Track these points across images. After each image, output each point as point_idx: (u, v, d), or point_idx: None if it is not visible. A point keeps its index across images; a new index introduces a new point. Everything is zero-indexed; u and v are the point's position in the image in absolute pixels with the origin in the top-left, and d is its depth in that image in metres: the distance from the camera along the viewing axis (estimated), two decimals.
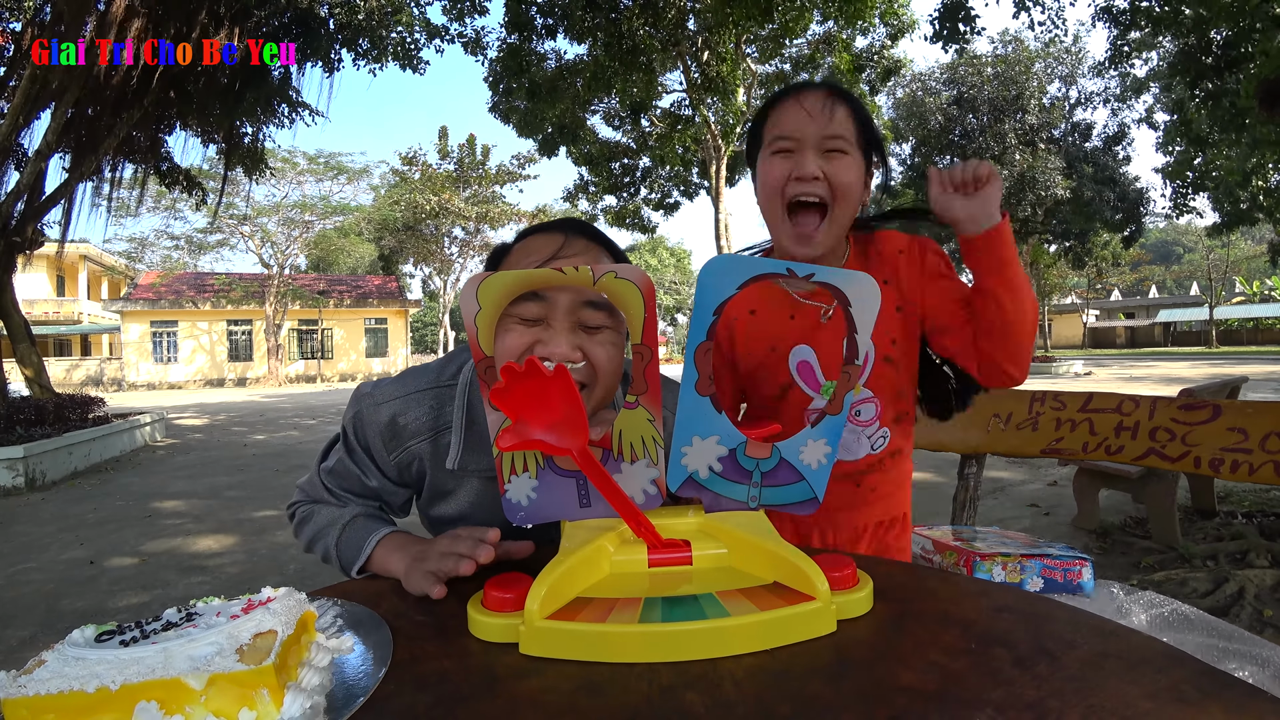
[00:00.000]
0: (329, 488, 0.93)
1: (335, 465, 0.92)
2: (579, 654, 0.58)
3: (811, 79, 13.67)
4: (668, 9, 9.40)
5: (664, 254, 47.75)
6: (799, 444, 0.74)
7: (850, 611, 0.63)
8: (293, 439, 8.81)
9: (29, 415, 6.56)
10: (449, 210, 26.32)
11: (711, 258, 0.67)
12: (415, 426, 0.88)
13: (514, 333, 0.76)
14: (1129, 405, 2.58)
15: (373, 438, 0.89)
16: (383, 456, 0.90)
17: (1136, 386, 13.01)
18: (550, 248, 0.82)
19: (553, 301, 0.76)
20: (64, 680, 0.46)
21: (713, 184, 12.87)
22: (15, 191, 7.33)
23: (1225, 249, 35.87)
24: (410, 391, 0.89)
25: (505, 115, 12.82)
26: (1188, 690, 0.49)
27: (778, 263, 0.68)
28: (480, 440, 0.88)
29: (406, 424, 0.88)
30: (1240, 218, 13.30)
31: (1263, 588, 2.46)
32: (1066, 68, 19.86)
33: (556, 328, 0.76)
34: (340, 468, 0.92)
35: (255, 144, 9.60)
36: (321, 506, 0.93)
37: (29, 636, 2.58)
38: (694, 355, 0.70)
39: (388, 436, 0.88)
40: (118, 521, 4.42)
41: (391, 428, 0.88)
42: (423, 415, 0.88)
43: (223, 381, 26.66)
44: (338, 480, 0.93)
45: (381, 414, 0.88)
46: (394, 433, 0.88)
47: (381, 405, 0.88)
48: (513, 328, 0.77)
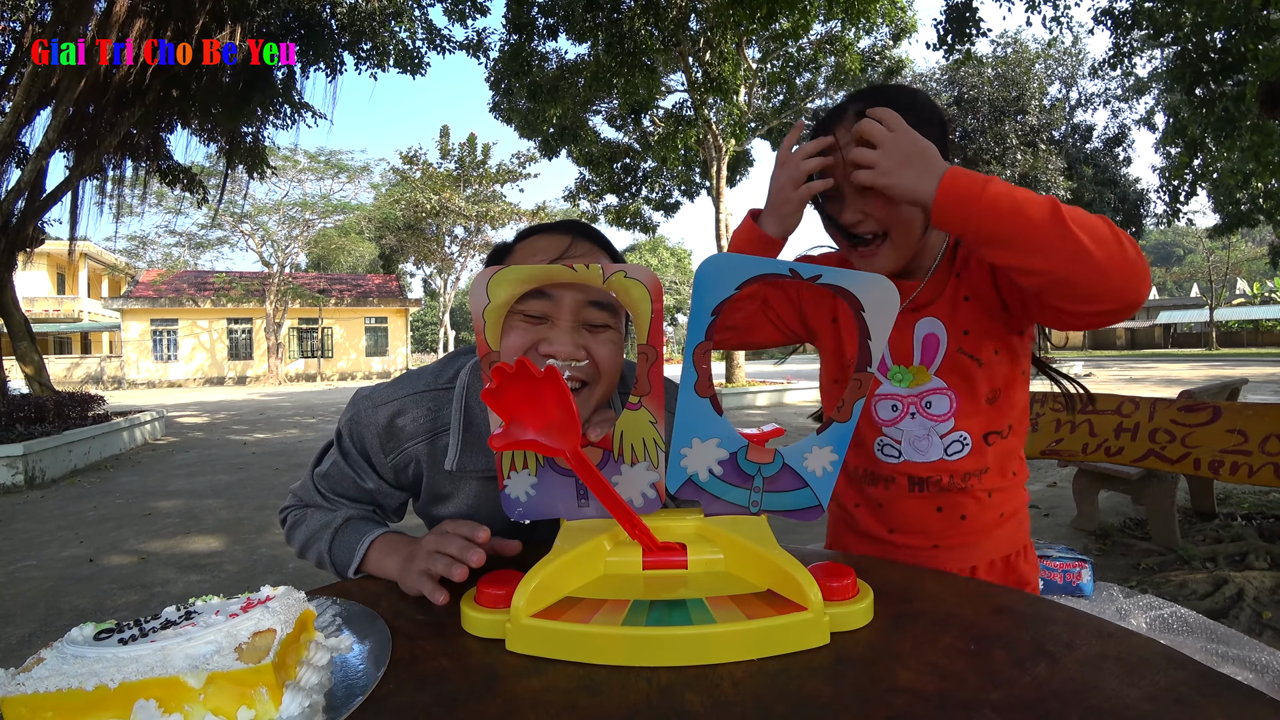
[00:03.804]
0: (322, 492, 0.93)
1: (329, 469, 0.92)
2: (562, 653, 0.58)
3: (814, 80, 13.69)
4: (670, 9, 9.39)
5: (664, 254, 47.77)
6: (803, 450, 0.73)
7: (847, 624, 0.61)
8: (292, 438, 8.81)
9: (29, 413, 6.56)
10: (450, 209, 26.33)
11: (709, 256, 0.65)
12: (413, 428, 0.88)
13: (518, 330, 0.77)
14: (1129, 407, 2.59)
15: (369, 439, 0.89)
16: (379, 458, 0.89)
17: (1136, 388, 13.00)
18: (557, 248, 0.83)
19: (558, 300, 0.77)
20: (63, 678, 0.46)
21: (713, 184, 12.86)
22: (16, 189, 7.34)
23: (1226, 251, 35.85)
24: (408, 394, 0.89)
25: (506, 116, 12.81)
26: (1187, 692, 0.49)
27: (780, 263, 0.65)
28: (478, 441, 0.88)
29: (404, 425, 0.88)
30: (1240, 219, 13.31)
31: (1262, 590, 2.46)
32: (1067, 69, 19.86)
33: (561, 326, 0.77)
34: (334, 471, 0.91)
35: (257, 143, 9.60)
36: (313, 511, 0.92)
37: (28, 634, 2.58)
38: (693, 356, 0.69)
39: (385, 438, 0.88)
40: (117, 520, 4.42)
41: (389, 429, 0.88)
42: (421, 417, 0.88)
43: (223, 380, 26.66)
44: (331, 484, 0.92)
45: (379, 416, 0.88)
46: (391, 434, 0.88)
47: (379, 407, 0.88)
48: (517, 325, 0.77)
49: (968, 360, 0.93)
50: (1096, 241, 0.71)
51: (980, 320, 0.93)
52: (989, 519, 0.97)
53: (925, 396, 0.95)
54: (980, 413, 0.95)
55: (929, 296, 0.95)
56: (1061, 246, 0.72)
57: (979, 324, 0.93)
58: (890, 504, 0.99)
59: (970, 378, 0.93)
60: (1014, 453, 0.99)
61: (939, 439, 0.95)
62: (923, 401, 0.95)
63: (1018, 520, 1.01)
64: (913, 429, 0.96)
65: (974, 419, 0.95)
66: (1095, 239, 0.71)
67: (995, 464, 0.96)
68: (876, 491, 1.00)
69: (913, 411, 0.95)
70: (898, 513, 0.99)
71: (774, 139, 15.41)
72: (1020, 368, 0.96)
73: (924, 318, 0.94)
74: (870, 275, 0.66)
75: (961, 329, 0.93)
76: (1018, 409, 0.97)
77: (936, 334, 0.94)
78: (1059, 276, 0.73)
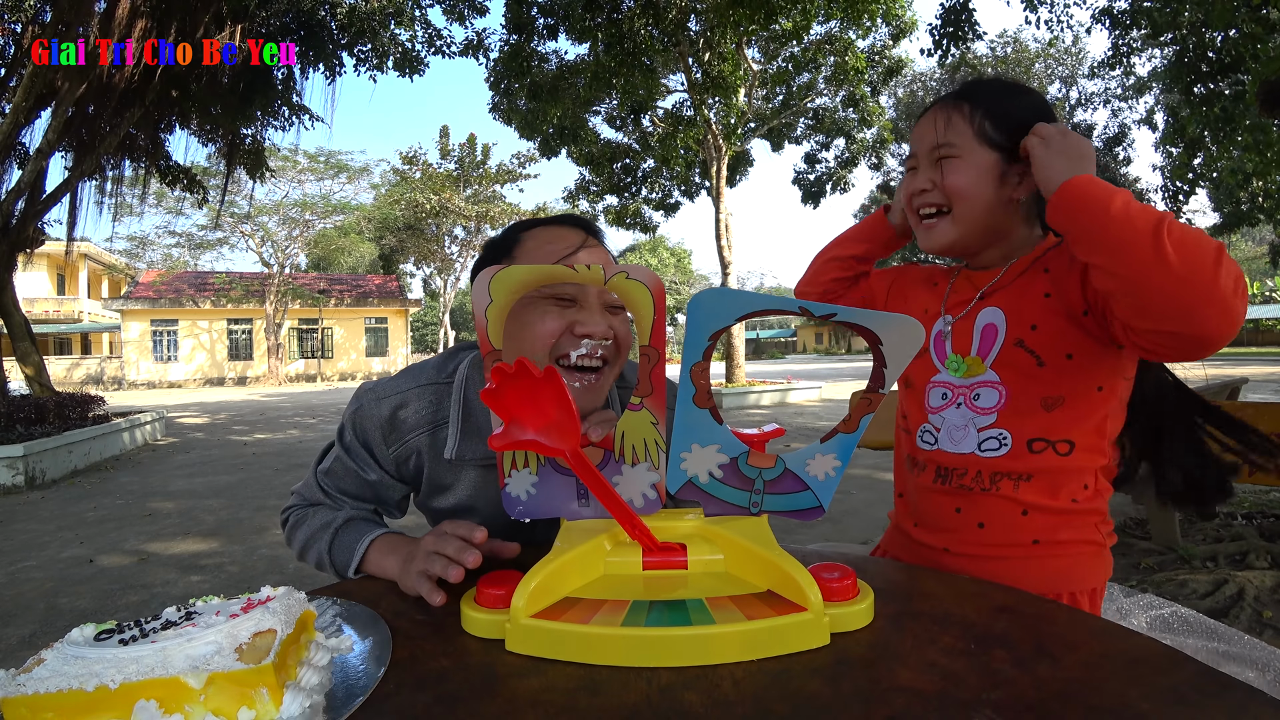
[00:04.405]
0: (325, 488, 0.94)
1: (332, 465, 0.93)
2: (562, 653, 0.58)
3: (814, 80, 13.69)
4: (669, 9, 9.40)
5: (664, 254, 47.78)
6: (805, 456, 0.73)
7: (848, 624, 0.61)
8: (293, 438, 8.81)
9: (29, 414, 6.56)
10: (449, 209, 26.33)
11: (704, 290, 0.64)
12: (414, 420, 0.90)
13: (552, 314, 0.80)
14: None
15: (372, 431, 0.90)
16: (382, 450, 0.91)
17: None
18: (573, 241, 0.86)
19: (584, 285, 0.80)
20: (63, 679, 0.46)
21: (713, 184, 12.86)
22: (16, 190, 7.34)
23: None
24: (411, 387, 0.91)
25: (506, 117, 12.81)
26: (1187, 692, 0.49)
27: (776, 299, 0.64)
28: (476, 431, 0.89)
29: (406, 417, 0.90)
30: (1241, 218, 13.30)
31: (1262, 589, 2.46)
32: (1067, 69, 19.87)
33: (590, 308, 0.81)
34: (337, 467, 0.93)
35: (256, 145, 9.60)
36: (314, 511, 0.93)
37: (28, 635, 2.58)
38: (690, 374, 0.69)
39: (388, 430, 0.90)
40: (117, 520, 4.42)
41: (392, 421, 0.90)
42: (423, 409, 0.90)
43: (223, 380, 26.66)
44: (334, 481, 0.93)
45: (383, 408, 0.90)
46: (394, 426, 0.90)
47: (383, 400, 0.90)
48: (550, 310, 0.80)
49: (1028, 356, 0.88)
50: (1185, 256, 0.68)
51: (1056, 320, 0.87)
52: (1016, 538, 0.89)
53: (976, 389, 0.92)
54: (1032, 415, 0.88)
55: (999, 286, 0.93)
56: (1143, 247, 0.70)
57: (1053, 323, 0.87)
58: (917, 494, 0.98)
59: (1028, 376, 0.88)
60: (1074, 474, 0.89)
61: (976, 431, 0.91)
62: (972, 393, 0.92)
63: (1069, 559, 0.89)
64: (954, 418, 0.93)
65: (1023, 420, 0.88)
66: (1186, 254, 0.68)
67: (1041, 477, 0.88)
68: (911, 479, 0.99)
69: (960, 402, 0.93)
70: (920, 504, 0.97)
71: (774, 139, 15.42)
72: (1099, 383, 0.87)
73: (987, 307, 0.92)
74: (891, 315, 0.65)
75: (1029, 323, 0.88)
76: (1088, 428, 0.88)
77: (995, 324, 0.91)
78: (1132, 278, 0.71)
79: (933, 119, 0.94)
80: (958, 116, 0.92)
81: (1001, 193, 0.90)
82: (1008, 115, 0.90)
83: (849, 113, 14.45)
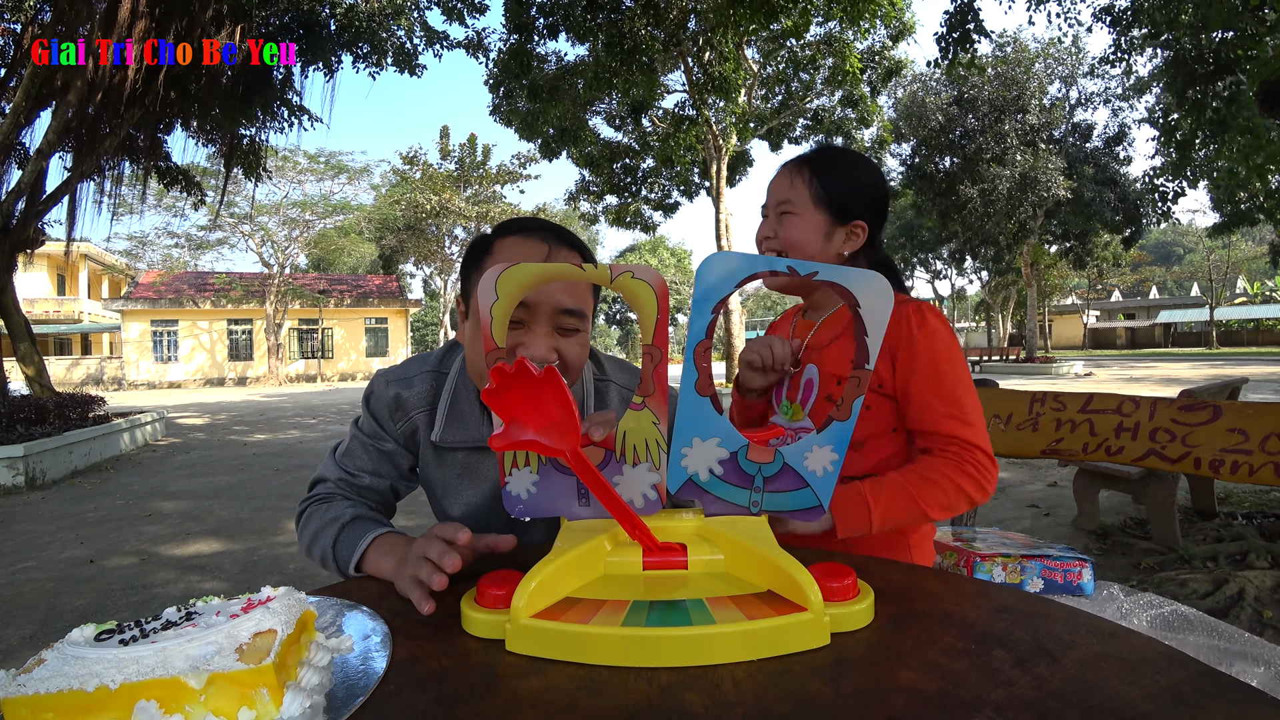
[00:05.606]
0: (344, 468, 1.04)
1: (349, 445, 1.06)
2: (562, 654, 0.58)
3: (813, 80, 13.69)
4: (669, 9, 9.40)
5: (664, 254, 47.76)
6: (804, 449, 0.73)
7: (848, 624, 0.61)
8: (293, 439, 8.81)
9: (29, 414, 6.56)
10: (450, 210, 26.32)
11: (711, 254, 0.67)
12: (414, 400, 1.03)
13: None
14: (1129, 406, 2.58)
15: (382, 410, 1.04)
16: (390, 425, 1.05)
17: (1137, 387, 13.00)
18: (536, 255, 0.90)
19: (534, 308, 0.85)
20: (63, 679, 0.46)
21: (713, 184, 12.86)
22: (16, 190, 7.34)
23: (1226, 250, 35.86)
24: (416, 372, 1.05)
25: (506, 118, 12.82)
26: (1187, 692, 0.49)
27: (779, 260, 0.68)
28: (461, 418, 1.01)
29: (408, 398, 1.03)
30: (1241, 218, 13.31)
31: (1263, 589, 2.46)
32: (1067, 68, 19.85)
33: (537, 331, 0.86)
34: (354, 445, 1.05)
35: (255, 145, 9.60)
36: (328, 506, 0.96)
37: (28, 635, 2.58)
38: (694, 354, 0.69)
39: (393, 408, 1.04)
40: (118, 520, 4.42)
41: (397, 400, 1.03)
42: (423, 391, 1.03)
43: (223, 381, 26.66)
44: (352, 460, 1.05)
45: (390, 390, 1.04)
46: (399, 404, 1.03)
47: (390, 383, 1.05)
48: None
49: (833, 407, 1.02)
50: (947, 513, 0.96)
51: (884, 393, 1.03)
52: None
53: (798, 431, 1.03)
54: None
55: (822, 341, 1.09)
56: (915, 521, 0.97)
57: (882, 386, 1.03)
58: None
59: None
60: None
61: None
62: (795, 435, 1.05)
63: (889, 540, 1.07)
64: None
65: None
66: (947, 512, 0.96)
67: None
68: None
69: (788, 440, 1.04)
70: None
71: (774, 139, 15.43)
72: (893, 425, 1.07)
73: (810, 363, 1.08)
74: (864, 271, 0.68)
75: (835, 378, 1.04)
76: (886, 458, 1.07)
77: (813, 380, 1.07)
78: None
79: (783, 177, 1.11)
80: (799, 179, 1.09)
81: (828, 248, 1.08)
82: (840, 185, 1.07)
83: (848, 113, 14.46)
